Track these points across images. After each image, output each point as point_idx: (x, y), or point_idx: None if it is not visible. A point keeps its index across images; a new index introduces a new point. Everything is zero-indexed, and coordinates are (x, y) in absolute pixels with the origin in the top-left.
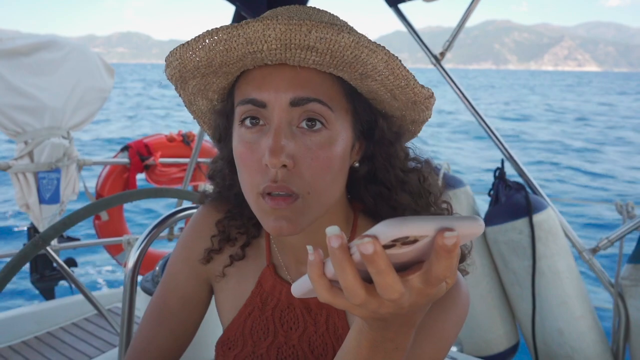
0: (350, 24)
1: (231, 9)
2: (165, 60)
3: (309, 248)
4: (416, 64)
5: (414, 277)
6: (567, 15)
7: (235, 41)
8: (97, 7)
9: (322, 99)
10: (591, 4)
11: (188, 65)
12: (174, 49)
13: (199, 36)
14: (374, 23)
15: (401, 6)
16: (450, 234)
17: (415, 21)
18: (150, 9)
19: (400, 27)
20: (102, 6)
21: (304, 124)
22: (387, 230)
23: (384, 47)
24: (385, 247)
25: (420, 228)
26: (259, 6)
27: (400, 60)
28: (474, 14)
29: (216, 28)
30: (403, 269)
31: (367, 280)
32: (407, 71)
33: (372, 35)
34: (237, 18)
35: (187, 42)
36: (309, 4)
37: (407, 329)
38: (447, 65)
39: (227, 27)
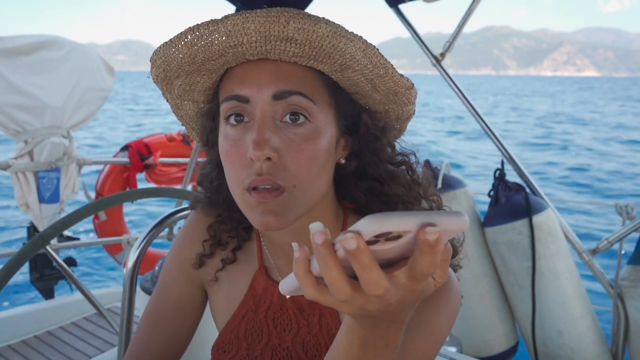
0: (349, 29)
1: (232, 10)
2: (150, 60)
3: (294, 245)
4: (415, 69)
5: (400, 273)
6: (566, 20)
7: (216, 35)
8: (97, 16)
9: (304, 92)
10: (590, 10)
11: (172, 63)
12: (157, 47)
13: (181, 33)
14: (373, 30)
15: (402, 7)
16: (432, 229)
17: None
18: (150, 17)
19: (400, 34)
20: (103, 15)
21: (287, 118)
22: (369, 225)
23: (361, 37)
24: (369, 243)
25: (403, 223)
26: (260, 6)
27: (377, 49)
28: (473, 19)
29: (198, 24)
30: (390, 265)
31: (353, 276)
32: (385, 60)
33: (372, 42)
34: None
35: (170, 40)
36: (310, 8)
37: (396, 325)
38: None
39: (208, 22)
